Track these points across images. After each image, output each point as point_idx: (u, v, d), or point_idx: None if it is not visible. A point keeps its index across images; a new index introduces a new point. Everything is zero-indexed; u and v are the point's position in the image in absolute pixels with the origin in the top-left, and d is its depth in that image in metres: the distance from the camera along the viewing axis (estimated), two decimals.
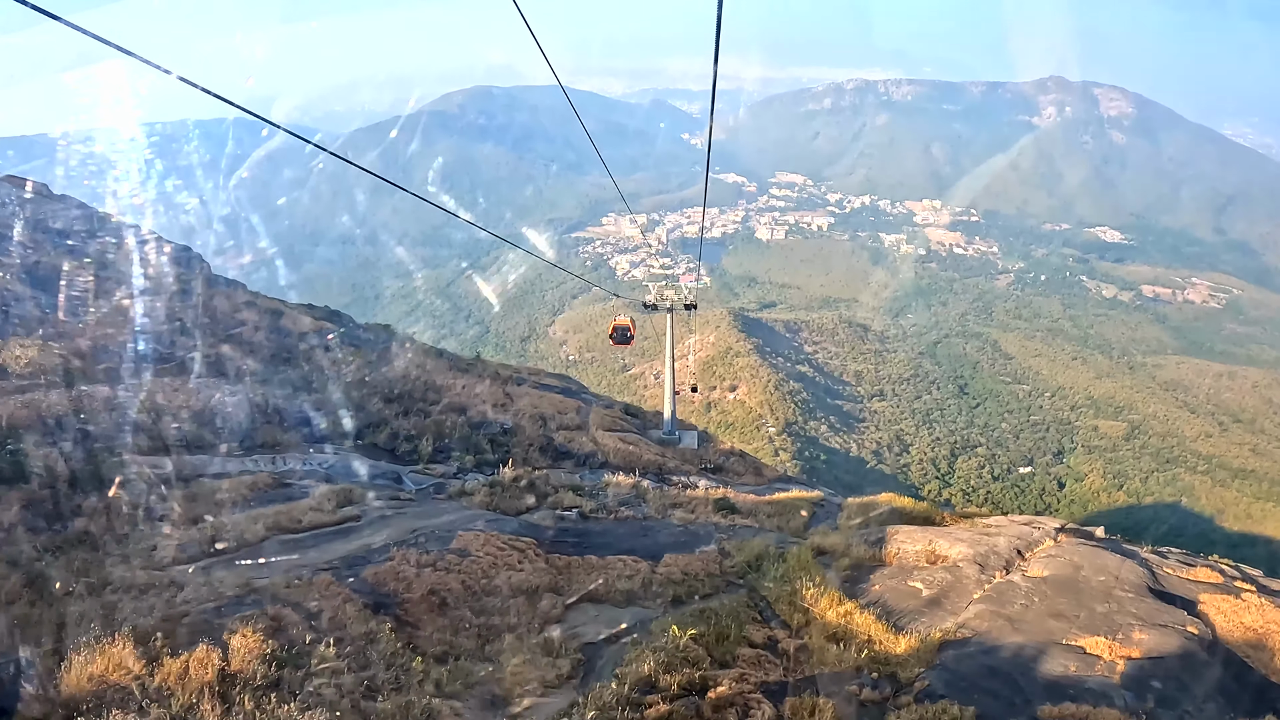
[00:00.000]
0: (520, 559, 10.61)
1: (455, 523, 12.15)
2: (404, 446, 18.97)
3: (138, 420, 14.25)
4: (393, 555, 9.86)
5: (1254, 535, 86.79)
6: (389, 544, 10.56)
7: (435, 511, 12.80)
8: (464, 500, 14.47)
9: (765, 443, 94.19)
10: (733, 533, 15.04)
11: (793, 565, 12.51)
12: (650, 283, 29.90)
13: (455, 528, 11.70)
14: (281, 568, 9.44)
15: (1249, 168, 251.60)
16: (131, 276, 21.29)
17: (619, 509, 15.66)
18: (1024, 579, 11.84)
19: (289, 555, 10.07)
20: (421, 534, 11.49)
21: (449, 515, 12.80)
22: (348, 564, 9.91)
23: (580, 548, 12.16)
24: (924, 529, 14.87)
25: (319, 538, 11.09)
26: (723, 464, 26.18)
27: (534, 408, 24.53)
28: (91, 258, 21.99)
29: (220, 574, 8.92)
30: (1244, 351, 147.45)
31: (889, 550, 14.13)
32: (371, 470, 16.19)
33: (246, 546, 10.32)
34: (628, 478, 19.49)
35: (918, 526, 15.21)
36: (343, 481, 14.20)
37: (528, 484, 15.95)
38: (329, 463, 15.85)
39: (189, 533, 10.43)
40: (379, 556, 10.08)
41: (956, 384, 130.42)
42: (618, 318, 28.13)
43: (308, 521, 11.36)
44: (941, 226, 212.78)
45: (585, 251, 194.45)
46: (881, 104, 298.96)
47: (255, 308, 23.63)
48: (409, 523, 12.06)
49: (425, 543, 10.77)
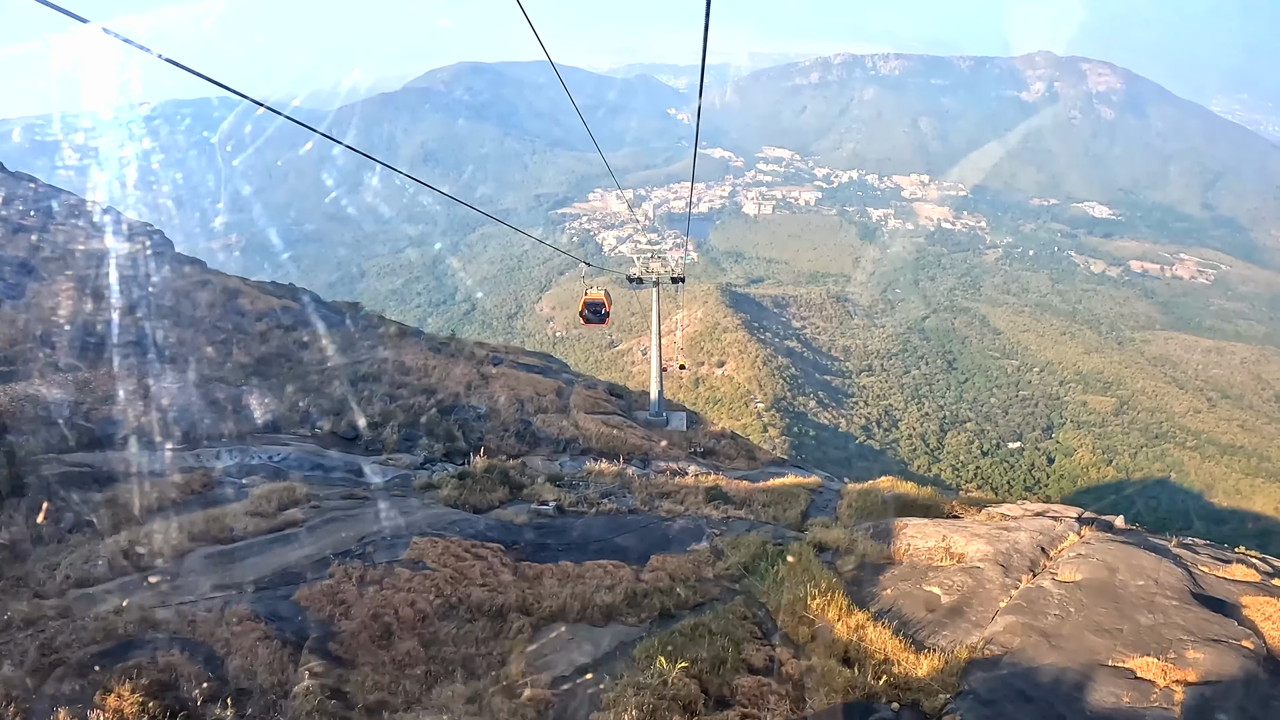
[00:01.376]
0: (484, 570, 9.26)
1: (414, 524, 10.76)
2: (367, 435, 17.47)
3: (64, 413, 12.75)
4: (332, 571, 8.50)
5: (1243, 511, 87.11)
6: (332, 554, 9.20)
7: (394, 511, 11.40)
8: (429, 495, 13.11)
9: (754, 418, 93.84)
10: (726, 526, 13.74)
11: (793, 566, 11.24)
12: (635, 255, 27.90)
13: (413, 531, 10.33)
14: (199, 589, 8.07)
15: (1237, 144, 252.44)
16: (77, 254, 19.63)
17: (601, 501, 14.29)
18: (1055, 584, 10.59)
19: (213, 572, 8.67)
20: (372, 540, 10.17)
21: (408, 515, 11.40)
22: (279, 582, 8.54)
23: (555, 551, 10.82)
24: (935, 522, 13.61)
25: (253, 548, 9.70)
26: (713, 447, 24.77)
27: (511, 390, 22.88)
28: (39, 235, 20.30)
29: (123, 600, 7.52)
30: (1232, 327, 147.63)
31: (898, 546, 12.88)
32: (328, 462, 14.68)
33: (165, 561, 8.91)
34: (611, 465, 18.10)
35: (928, 520, 13.95)
36: (295, 476, 12.76)
37: (501, 475, 14.56)
38: (281, 455, 14.28)
39: (103, 546, 9.01)
40: (316, 572, 8.72)
41: (945, 359, 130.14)
42: (590, 291, 24.07)
43: (243, 528, 9.92)
44: (930, 201, 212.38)
45: (572, 227, 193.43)
46: (869, 78, 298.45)
47: (211, 286, 21.92)
48: (360, 526, 10.63)
49: (374, 552, 9.41)
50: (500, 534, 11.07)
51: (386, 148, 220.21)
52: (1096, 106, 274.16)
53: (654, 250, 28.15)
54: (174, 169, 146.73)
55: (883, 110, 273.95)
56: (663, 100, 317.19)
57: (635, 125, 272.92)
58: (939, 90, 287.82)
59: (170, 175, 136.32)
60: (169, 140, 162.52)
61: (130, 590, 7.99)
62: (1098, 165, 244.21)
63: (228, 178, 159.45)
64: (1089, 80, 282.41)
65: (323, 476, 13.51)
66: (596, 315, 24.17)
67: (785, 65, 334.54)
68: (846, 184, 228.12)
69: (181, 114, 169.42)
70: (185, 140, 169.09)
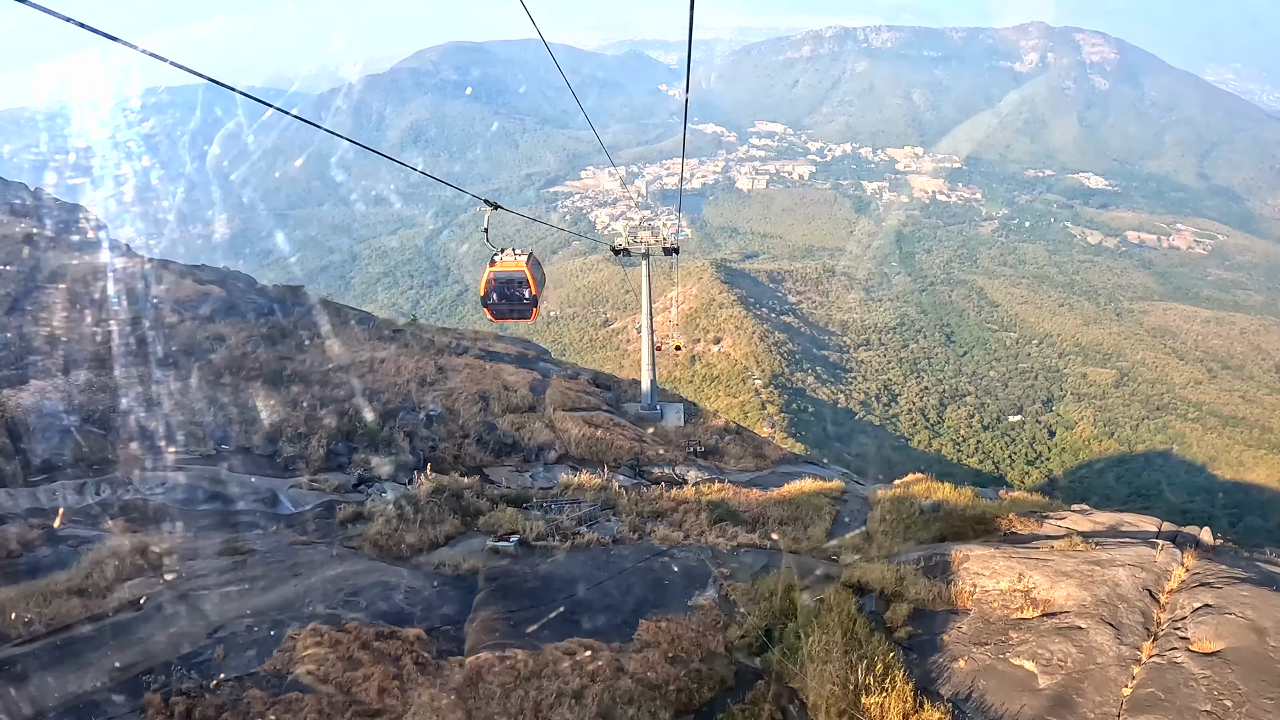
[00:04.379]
0: (387, 680, 6.38)
1: (306, 595, 7.84)
2: (288, 450, 14.30)
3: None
4: (146, 704, 5.60)
5: (1246, 484, 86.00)
6: (161, 665, 6.26)
7: (289, 569, 8.45)
8: (353, 532, 10.21)
9: (752, 396, 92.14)
10: (737, 562, 10.90)
11: (832, 631, 8.36)
12: (620, 223, 24.43)
13: (299, 609, 7.41)
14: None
15: (1232, 113, 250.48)
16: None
17: (578, 530, 11.43)
18: (1190, 657, 7.76)
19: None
20: (228, 636, 7.25)
21: (303, 577, 8.45)
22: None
23: (509, 624, 7.95)
24: (1003, 552, 10.74)
25: (53, 654, 6.75)
26: (716, 445, 21.75)
27: (474, 384, 19.58)
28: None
29: None
30: (1230, 297, 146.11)
31: (961, 587, 10.04)
32: (232, 490, 11.70)
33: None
34: (593, 476, 15.21)
35: (991, 547, 11.05)
36: (179, 512, 9.81)
37: (451, 499, 11.67)
38: (168, 485, 11.28)
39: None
40: (129, 702, 5.82)
41: (943, 332, 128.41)
42: (500, 258, 13.69)
43: (48, 618, 6.95)
44: (924, 174, 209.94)
45: (564, 206, 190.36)
46: (861, 51, 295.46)
47: (122, 273, 18.66)
48: (224, 606, 7.74)
49: (225, 657, 6.51)
50: (428, 605, 8.15)
51: (375, 130, 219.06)
52: (1090, 76, 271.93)
53: (642, 219, 25.01)
54: (154, 155, 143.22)
55: (875, 83, 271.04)
56: (653, 76, 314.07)
57: (626, 102, 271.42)
58: (931, 62, 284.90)
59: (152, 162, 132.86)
60: (154, 127, 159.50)
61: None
62: (1092, 136, 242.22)
63: (213, 165, 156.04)
64: (1082, 50, 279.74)
65: (220, 511, 10.58)
66: (510, 303, 13.60)
67: (776, 39, 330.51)
68: (840, 158, 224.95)
69: (167, 101, 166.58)
70: (169, 126, 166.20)
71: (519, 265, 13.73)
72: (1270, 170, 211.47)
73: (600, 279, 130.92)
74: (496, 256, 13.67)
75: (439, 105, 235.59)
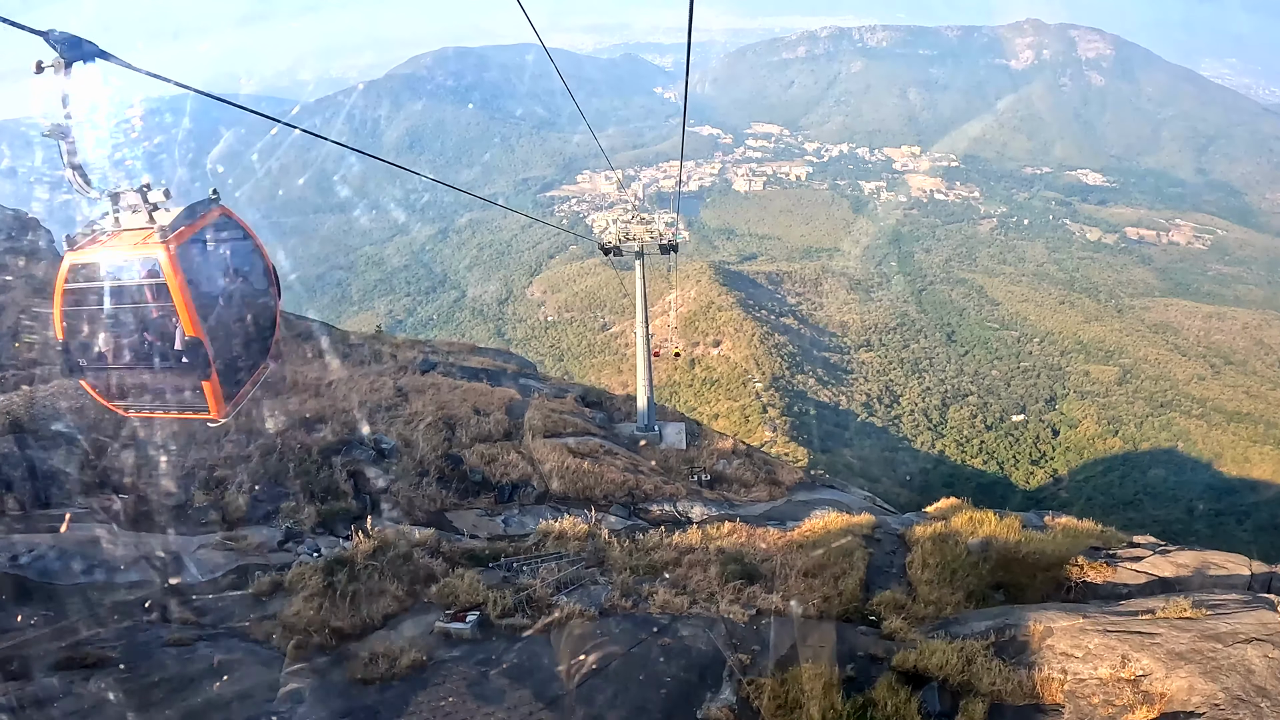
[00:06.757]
0: None
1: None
2: (200, 501, 11.73)
3: None
4: None
5: (1254, 480, 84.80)
6: None
7: (140, 693, 6.06)
8: (266, 613, 7.93)
9: (753, 399, 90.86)
10: (756, 639, 8.68)
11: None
12: (606, 214, 22.09)
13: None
14: None
15: (1229, 108, 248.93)
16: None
17: (555, 600, 9.17)
18: None
19: None
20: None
21: (163, 708, 6.14)
22: None
23: None
24: (1092, 620, 8.50)
25: None
26: (723, 471, 19.03)
27: (439, 409, 16.59)
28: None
29: None
30: (1231, 292, 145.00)
31: (1046, 674, 7.81)
32: (116, 558, 9.21)
33: None
34: (578, 521, 12.85)
35: (1080, 617, 8.76)
36: (37, 592, 7.47)
37: (396, 562, 9.38)
38: (31, 553, 8.73)
39: None
40: None
41: (944, 332, 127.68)
42: (105, 228, 5.55)
43: None
44: (921, 173, 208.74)
45: (561, 210, 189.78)
46: (856, 50, 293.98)
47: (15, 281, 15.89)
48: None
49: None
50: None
51: (371, 136, 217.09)
52: (1086, 73, 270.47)
53: (634, 214, 22.57)
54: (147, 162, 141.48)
55: (871, 82, 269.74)
56: (649, 79, 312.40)
57: (622, 105, 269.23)
58: (927, 60, 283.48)
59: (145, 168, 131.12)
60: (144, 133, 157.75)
61: None
62: (1089, 132, 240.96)
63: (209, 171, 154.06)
64: (1078, 47, 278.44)
65: (101, 585, 8.24)
66: (141, 354, 5.53)
67: (771, 40, 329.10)
68: (837, 158, 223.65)
69: (162, 108, 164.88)
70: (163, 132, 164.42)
71: (155, 246, 5.33)
72: (1268, 164, 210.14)
73: (598, 282, 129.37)
74: (97, 227, 5.57)
75: (434, 111, 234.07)
